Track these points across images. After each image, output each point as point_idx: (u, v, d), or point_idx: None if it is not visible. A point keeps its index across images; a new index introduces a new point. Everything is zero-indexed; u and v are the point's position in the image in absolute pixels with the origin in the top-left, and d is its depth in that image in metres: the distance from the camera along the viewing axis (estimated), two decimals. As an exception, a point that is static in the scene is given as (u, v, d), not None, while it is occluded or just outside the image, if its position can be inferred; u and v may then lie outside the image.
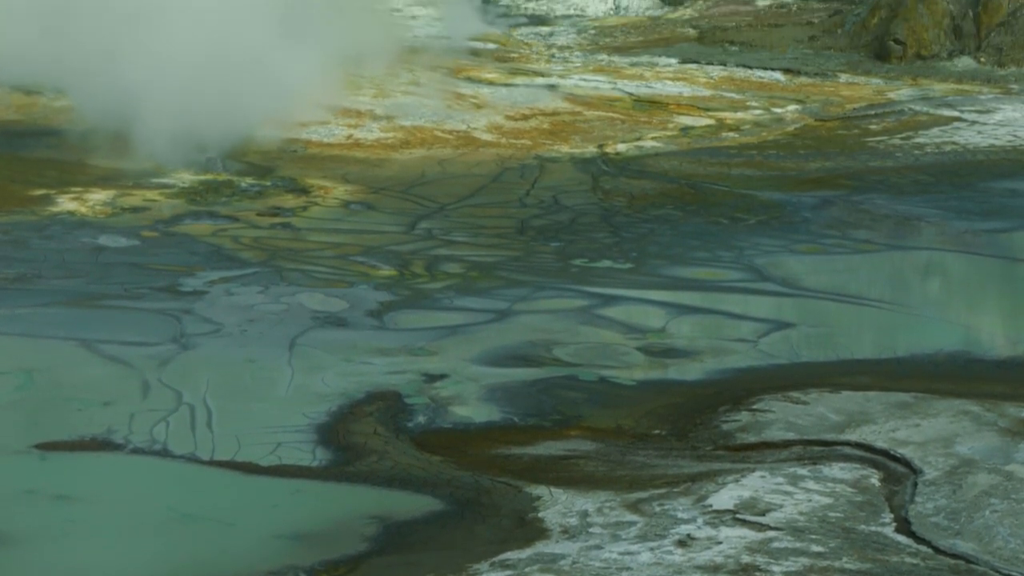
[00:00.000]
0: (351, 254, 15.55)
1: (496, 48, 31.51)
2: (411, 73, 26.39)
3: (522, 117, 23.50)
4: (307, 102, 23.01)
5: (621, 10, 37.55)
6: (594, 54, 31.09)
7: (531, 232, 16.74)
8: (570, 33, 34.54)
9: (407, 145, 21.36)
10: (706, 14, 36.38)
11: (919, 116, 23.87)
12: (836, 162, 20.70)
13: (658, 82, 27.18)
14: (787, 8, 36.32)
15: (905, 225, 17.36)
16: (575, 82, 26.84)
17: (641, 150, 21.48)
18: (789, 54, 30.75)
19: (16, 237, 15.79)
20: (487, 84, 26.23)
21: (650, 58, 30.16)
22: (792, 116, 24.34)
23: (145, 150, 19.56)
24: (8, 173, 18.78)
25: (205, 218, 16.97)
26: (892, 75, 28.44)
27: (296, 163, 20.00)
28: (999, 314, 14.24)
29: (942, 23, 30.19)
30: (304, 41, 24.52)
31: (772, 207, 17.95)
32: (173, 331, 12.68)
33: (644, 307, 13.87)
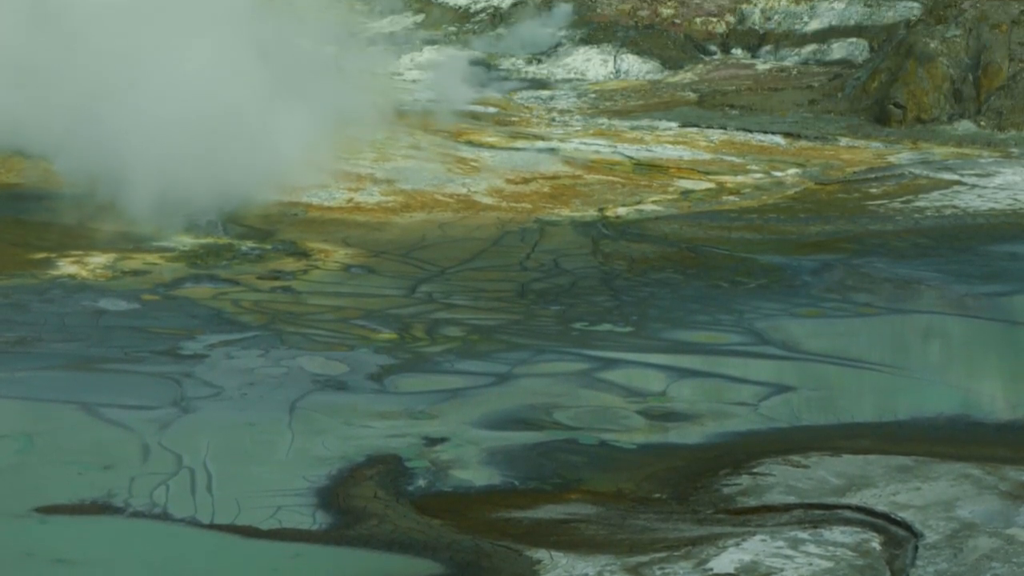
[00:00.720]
0: (351, 317, 15.66)
1: (497, 112, 31.81)
2: (412, 137, 26.65)
3: (523, 181, 23.70)
4: (307, 165, 23.24)
5: (621, 74, 37.95)
6: (594, 118, 31.39)
7: (531, 295, 16.86)
8: (570, 97, 34.88)
9: (408, 209, 21.54)
10: (706, 78, 36.77)
11: (919, 180, 24.08)
12: (836, 226, 20.86)
13: (658, 146, 27.43)
14: (787, 72, 36.73)
15: (905, 288, 17.48)
16: (575, 146, 27.09)
17: (641, 214, 21.66)
18: (789, 118, 31.05)
19: (17, 300, 15.91)
20: (488, 148, 26.48)
21: (650, 122, 30.45)
22: (792, 180, 24.55)
23: (145, 214, 19.75)
24: (9, 236, 18.96)
25: (206, 281, 17.10)
26: (892, 139, 28.71)
27: (297, 226, 20.17)
28: (999, 377, 14.31)
29: (942, 87, 30.50)
30: (303, 104, 24.81)
31: (772, 271, 18.08)
32: (173, 394, 12.76)
33: (645, 370, 13.95)
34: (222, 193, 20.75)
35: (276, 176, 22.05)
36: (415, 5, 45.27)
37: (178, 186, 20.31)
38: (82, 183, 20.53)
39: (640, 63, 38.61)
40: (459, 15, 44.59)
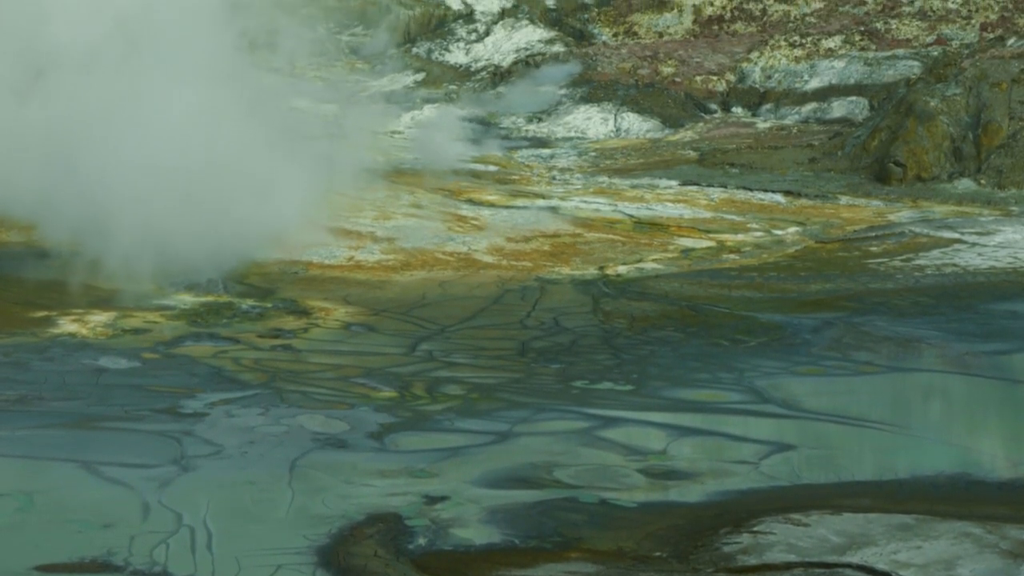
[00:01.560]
0: (352, 376, 15.74)
1: (497, 170, 32.04)
2: (412, 195, 26.84)
3: (523, 239, 23.86)
4: (307, 223, 23.43)
5: (622, 132, 38.24)
6: (595, 176, 31.61)
7: (532, 354, 16.95)
8: (571, 155, 35.14)
9: (408, 267, 21.67)
10: (706, 136, 37.05)
11: (919, 238, 24.24)
12: (837, 284, 20.98)
13: (659, 204, 27.61)
14: (787, 130, 37.02)
15: (906, 347, 17.56)
16: (576, 204, 27.28)
17: (642, 272, 21.79)
18: (790, 176, 31.27)
19: (17, 359, 16.00)
20: (488, 206, 26.67)
21: (651, 180, 30.66)
22: (793, 238, 24.71)
23: (144, 272, 19.89)
24: (9, 295, 19.08)
25: (206, 340, 17.21)
26: (892, 197, 28.91)
27: (297, 285, 20.31)
28: (1000, 436, 14.37)
29: (942, 145, 30.75)
30: (302, 162, 25.04)
31: (773, 329, 18.18)
32: (173, 453, 12.83)
33: (645, 429, 14.02)
34: (220, 251, 20.92)
35: (276, 234, 22.21)
36: (415, 64, 45.68)
37: (175, 244, 20.48)
38: (77, 242, 20.68)
39: (640, 121, 38.92)
40: (459, 74, 44.98)
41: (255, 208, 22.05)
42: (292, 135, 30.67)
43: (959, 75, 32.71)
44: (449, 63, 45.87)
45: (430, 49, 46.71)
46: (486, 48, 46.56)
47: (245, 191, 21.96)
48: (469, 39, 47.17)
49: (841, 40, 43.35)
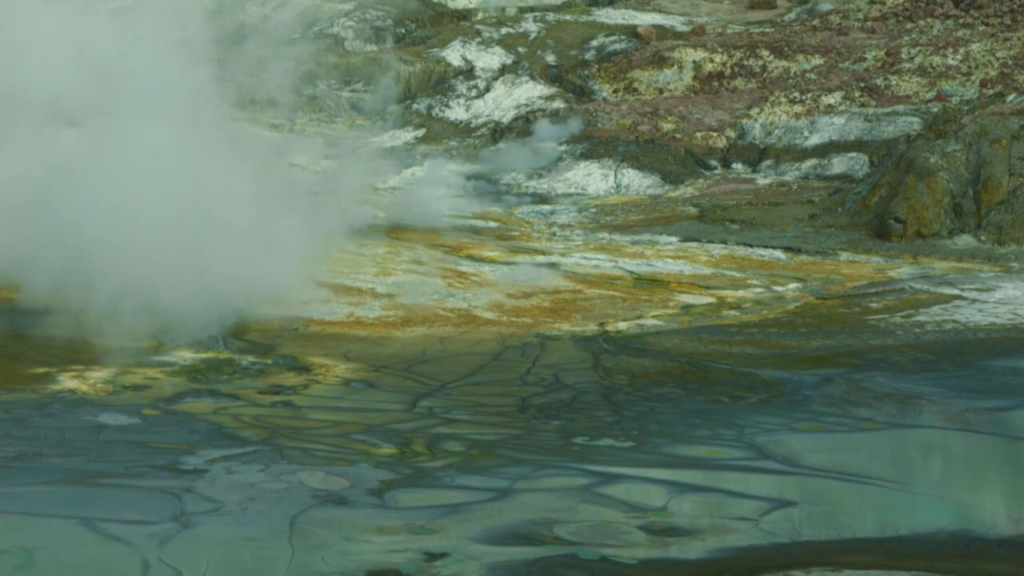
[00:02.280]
0: (352, 432, 15.82)
1: (497, 226, 32.24)
2: (412, 251, 27.00)
3: (523, 295, 24.00)
4: (307, 280, 23.57)
5: (622, 189, 38.48)
6: (595, 232, 31.79)
7: (532, 410, 17.04)
8: (571, 211, 35.35)
9: (408, 323, 21.80)
10: (707, 192, 37.27)
11: (920, 294, 24.37)
12: (837, 340, 21.09)
13: (659, 260, 27.77)
14: (787, 187, 37.25)
15: (906, 403, 17.64)
16: (576, 260, 27.45)
17: (642, 328, 21.91)
18: (790, 232, 31.45)
19: (17, 415, 16.09)
20: (488, 262, 26.83)
21: (651, 236, 30.85)
22: (793, 294, 24.85)
23: (144, 328, 20.00)
24: (9, 351, 19.19)
25: (206, 396, 17.30)
26: (892, 253, 29.08)
27: (297, 341, 20.42)
28: (1001, 493, 14.43)
29: (942, 202, 30.95)
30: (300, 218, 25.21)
31: (773, 385, 18.27)
32: (173, 509, 12.89)
33: (645, 485, 14.08)
34: (218, 307, 21.04)
35: (275, 290, 22.34)
36: (416, 120, 46.01)
37: (170, 300, 20.60)
38: (73, 298, 20.79)
39: (641, 178, 39.18)
40: (460, 130, 45.30)
41: (251, 263, 22.16)
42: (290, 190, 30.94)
43: (959, 131, 32.94)
44: (449, 119, 46.21)
45: (430, 105, 47.07)
46: (486, 104, 46.91)
47: (239, 245, 22.06)
48: (469, 95, 47.53)
49: (841, 96, 43.69)
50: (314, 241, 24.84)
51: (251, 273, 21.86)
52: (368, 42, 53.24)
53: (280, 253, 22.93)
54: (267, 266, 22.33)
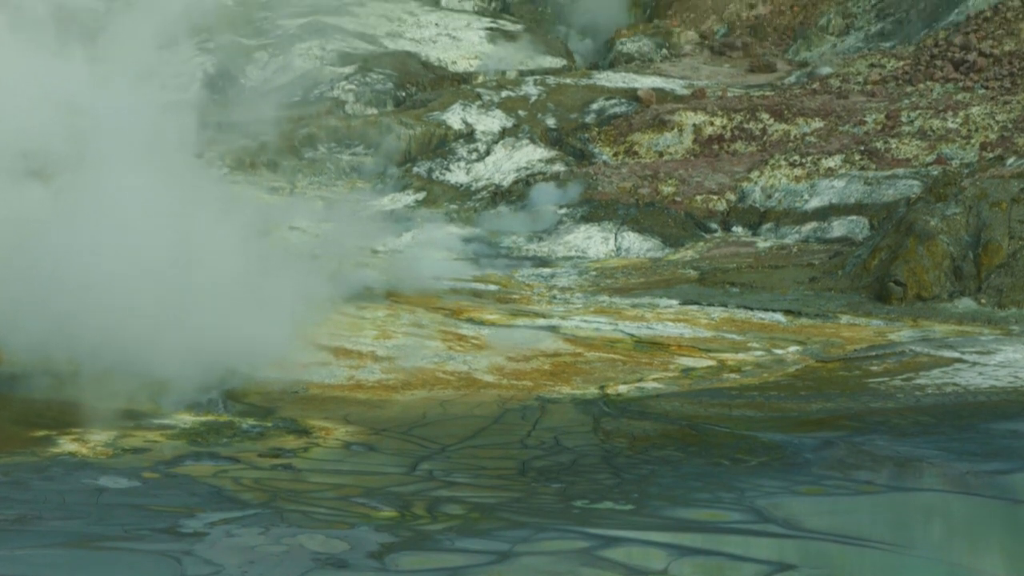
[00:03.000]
0: (352, 495, 15.92)
1: (498, 289, 32.44)
2: (412, 314, 27.18)
3: (523, 358, 24.14)
4: (307, 343, 23.73)
5: (622, 252, 38.72)
6: (595, 295, 31.98)
7: (532, 473, 17.13)
8: (571, 275, 35.56)
9: (408, 386, 21.92)
10: (707, 255, 37.50)
11: (920, 357, 24.51)
12: (837, 403, 21.21)
13: (659, 323, 27.94)
14: (787, 250, 37.48)
15: (907, 466, 17.74)
16: (576, 323, 27.61)
17: (642, 391, 22.03)
18: (790, 295, 31.63)
19: (16, 478, 16.18)
20: (488, 325, 27.00)
21: (651, 299, 31.03)
22: (793, 357, 24.99)
23: (146, 391, 20.13)
24: (9, 414, 19.30)
25: (206, 459, 17.40)
26: (893, 316, 29.25)
27: (297, 404, 20.54)
28: (1001, 556, 14.51)
29: (942, 265, 31.16)
30: (298, 280, 25.37)
31: (773, 448, 18.37)
32: (174, 573, 12.97)
33: (646, 548, 14.16)
34: (216, 370, 21.19)
35: (268, 353, 22.46)
36: (416, 183, 46.34)
37: (182, 365, 20.73)
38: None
39: (641, 241, 39.43)
40: (460, 193, 45.63)
41: (240, 324, 22.27)
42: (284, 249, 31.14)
43: (959, 194, 33.20)
44: (450, 182, 46.54)
45: (431, 168, 47.43)
46: (487, 167, 47.25)
47: (227, 304, 22.16)
48: (470, 158, 47.90)
49: (841, 159, 44.02)
50: (308, 302, 24.97)
51: (241, 334, 21.96)
52: (369, 105, 53.71)
53: (272, 314, 23.04)
54: (258, 327, 22.41)
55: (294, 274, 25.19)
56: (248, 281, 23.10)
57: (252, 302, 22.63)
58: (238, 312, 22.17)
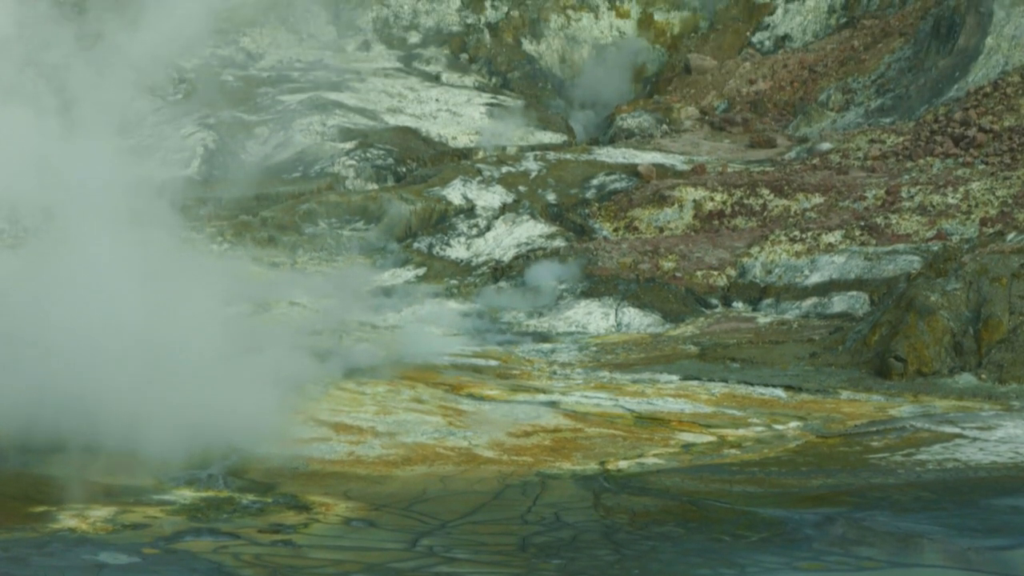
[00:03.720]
0: (352, 571, 16.03)
1: (498, 365, 32.62)
2: (413, 390, 27.35)
3: (524, 434, 24.29)
4: (307, 419, 23.90)
5: (623, 327, 38.92)
6: (595, 371, 32.16)
7: (533, 549, 17.24)
8: (572, 350, 35.75)
9: (409, 462, 22.06)
10: (707, 331, 37.71)
11: (921, 433, 24.66)
12: (838, 479, 21.33)
13: (660, 399, 28.10)
14: (788, 325, 37.69)
15: (908, 542, 17.85)
16: (576, 399, 27.78)
17: (643, 467, 22.16)
18: (790, 371, 31.82)
19: (16, 554, 16.30)
20: (489, 401, 27.17)
21: (651, 375, 31.21)
22: (794, 433, 25.14)
23: (146, 467, 20.28)
24: (9, 489, 19.43)
25: (206, 535, 17.52)
26: (893, 392, 29.41)
27: (297, 480, 20.66)
28: (1002, 632, 14.63)
29: (943, 340, 31.36)
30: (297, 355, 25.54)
31: (774, 524, 18.49)
32: (174, 648, 13.10)
33: (646, 625, 14.28)
34: (224, 447, 21.35)
35: (274, 429, 22.62)
36: (416, 259, 46.66)
37: (182, 440, 20.89)
38: (83, 435, 21.05)
39: (641, 316, 39.65)
40: (460, 268, 45.92)
41: (251, 401, 22.44)
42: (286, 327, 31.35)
43: (959, 270, 33.45)
44: (450, 258, 46.87)
45: (431, 244, 47.78)
46: (487, 243, 47.61)
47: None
48: (470, 234, 48.26)
49: (841, 235, 44.35)
50: (299, 377, 25.15)
51: (236, 410, 22.10)
52: (369, 180, 54.17)
53: (267, 389, 23.21)
54: (253, 402, 22.55)
55: (285, 348, 25.39)
56: (239, 356, 23.32)
57: (244, 377, 22.83)
58: (232, 387, 22.36)
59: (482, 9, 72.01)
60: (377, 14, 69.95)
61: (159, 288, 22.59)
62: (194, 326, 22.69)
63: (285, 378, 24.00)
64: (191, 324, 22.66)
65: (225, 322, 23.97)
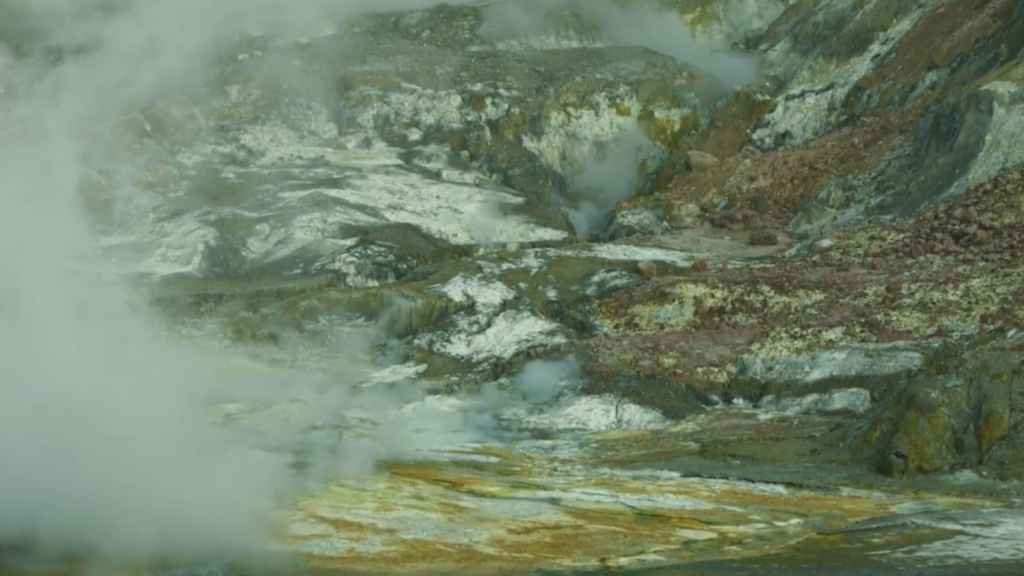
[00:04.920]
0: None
1: (498, 461, 32.89)
2: (413, 486, 27.63)
3: (524, 530, 24.53)
4: (308, 515, 24.15)
5: (623, 424, 39.22)
6: (596, 468, 32.42)
7: (533, 644, 17.48)
8: (572, 447, 36.03)
9: (409, 559, 22.30)
10: (708, 428, 38.00)
11: (922, 529, 24.90)
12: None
13: (660, 495, 28.36)
14: (788, 422, 38.00)
15: (907, 638, 18.09)
16: (577, 495, 28.04)
17: (644, 564, 22.40)
18: (791, 468, 32.08)
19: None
20: (489, 497, 27.42)
21: (652, 472, 31.47)
22: (795, 530, 25.38)
23: (147, 564, 20.52)
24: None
25: (208, 630, 17.78)
26: (894, 489, 29.67)
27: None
28: None
29: (943, 437, 31.67)
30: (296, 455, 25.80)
31: (774, 620, 18.74)
32: None
33: None
34: (224, 543, 21.60)
35: (273, 526, 22.87)
36: (417, 355, 47.01)
37: (178, 535, 21.14)
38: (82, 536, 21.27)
39: (642, 413, 39.95)
40: (461, 365, 46.25)
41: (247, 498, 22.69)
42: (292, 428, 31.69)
43: (960, 367, 33.78)
44: (450, 354, 47.22)
45: (431, 340, 48.17)
46: (487, 340, 47.99)
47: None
48: (471, 331, 48.67)
49: (842, 332, 44.73)
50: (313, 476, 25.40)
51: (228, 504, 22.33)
52: (370, 277, 54.69)
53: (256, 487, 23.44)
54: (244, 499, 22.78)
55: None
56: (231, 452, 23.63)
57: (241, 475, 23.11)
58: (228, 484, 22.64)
59: (483, 106, 73.00)
60: (378, 111, 70.87)
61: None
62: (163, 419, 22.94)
63: (276, 477, 24.30)
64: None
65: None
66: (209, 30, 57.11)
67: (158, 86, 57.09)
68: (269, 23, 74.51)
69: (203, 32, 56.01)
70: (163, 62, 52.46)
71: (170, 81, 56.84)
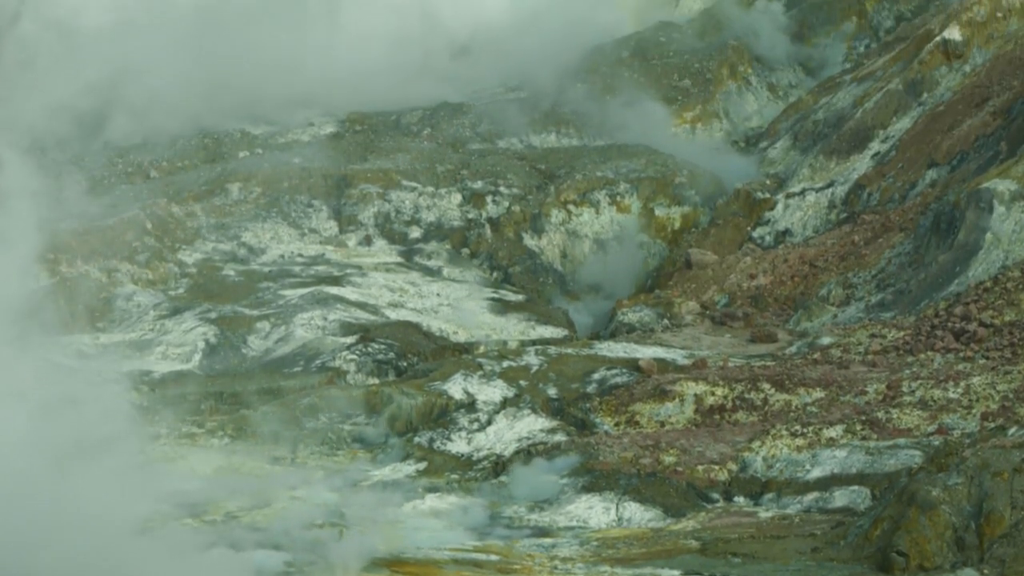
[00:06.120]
0: None
1: (499, 560, 33.10)
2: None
3: (524, 627, 24.76)
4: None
5: (624, 522, 39.45)
6: (596, 565, 32.61)
7: None
8: (573, 544, 36.23)
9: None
10: (708, 525, 38.24)
11: (921, 627, 25.17)
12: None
13: (660, 593, 28.59)
14: (789, 519, 38.27)
15: None
16: (577, 592, 28.25)
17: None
18: (792, 566, 32.30)
19: None
20: (489, 596, 27.66)
21: (653, 570, 31.66)
22: (795, 627, 25.63)
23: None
24: None
25: None
26: (895, 587, 29.94)
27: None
28: None
29: (944, 535, 31.97)
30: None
31: None
32: None
33: None
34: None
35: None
36: (417, 453, 47.32)
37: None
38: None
39: (642, 511, 40.19)
40: (461, 463, 46.53)
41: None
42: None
43: (961, 465, 34.10)
44: (451, 452, 47.51)
45: (432, 438, 48.49)
46: (488, 437, 48.30)
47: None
48: (471, 428, 49.00)
49: (842, 429, 45.08)
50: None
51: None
52: (370, 375, 55.11)
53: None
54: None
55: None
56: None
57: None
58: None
59: (483, 204, 73.76)
60: (378, 209, 71.64)
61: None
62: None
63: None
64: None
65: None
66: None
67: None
68: (270, 120, 75.75)
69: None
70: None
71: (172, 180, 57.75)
